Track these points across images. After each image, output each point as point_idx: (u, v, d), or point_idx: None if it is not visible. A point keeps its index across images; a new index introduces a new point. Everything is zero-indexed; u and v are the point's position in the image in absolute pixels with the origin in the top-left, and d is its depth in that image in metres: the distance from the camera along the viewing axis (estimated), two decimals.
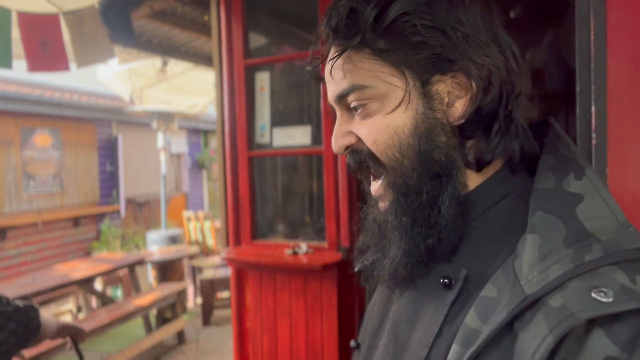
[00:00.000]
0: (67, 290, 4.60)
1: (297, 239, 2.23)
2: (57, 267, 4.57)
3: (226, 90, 2.24)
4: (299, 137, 2.18)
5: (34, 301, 3.98)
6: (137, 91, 4.83)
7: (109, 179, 7.86)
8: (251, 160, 2.25)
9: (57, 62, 2.17)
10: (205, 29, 3.52)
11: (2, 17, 2.06)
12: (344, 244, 2.01)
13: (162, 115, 5.96)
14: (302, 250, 2.06)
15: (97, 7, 2.22)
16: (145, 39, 3.72)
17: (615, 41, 1.00)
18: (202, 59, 4.31)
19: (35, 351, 2.92)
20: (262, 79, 2.27)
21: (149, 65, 4.53)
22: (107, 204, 7.77)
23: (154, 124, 6.08)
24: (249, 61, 2.21)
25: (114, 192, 7.90)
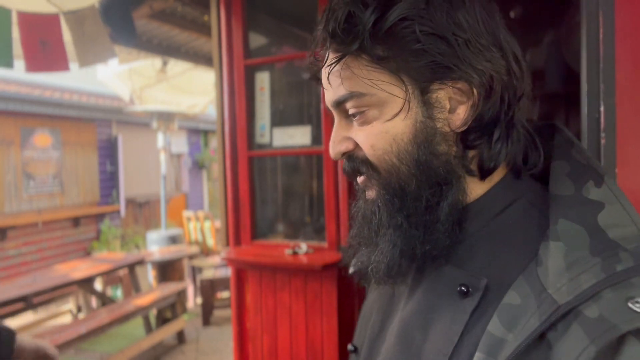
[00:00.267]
0: (67, 290, 4.60)
1: (297, 239, 2.23)
2: (57, 267, 4.58)
3: (226, 90, 2.24)
4: (299, 137, 2.18)
5: (34, 301, 3.99)
6: (137, 91, 4.83)
7: (109, 179, 7.87)
8: (251, 160, 2.25)
9: (57, 62, 2.17)
10: (205, 29, 3.52)
11: (3, 17, 2.06)
12: (344, 244, 2.01)
13: (162, 115, 5.95)
14: (302, 250, 2.06)
15: (98, 7, 2.22)
16: (145, 39, 3.72)
17: (624, 40, 0.99)
18: (202, 59, 4.31)
19: None
20: (262, 79, 2.27)
21: (149, 65, 4.53)
22: (107, 204, 7.77)
23: (154, 124, 6.08)
24: (249, 61, 2.21)
25: (114, 192, 7.90)
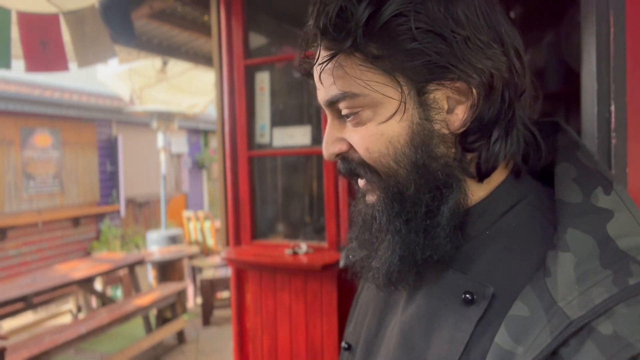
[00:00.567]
0: (67, 290, 4.60)
1: (297, 239, 2.23)
2: (57, 267, 4.58)
3: (226, 90, 2.24)
4: (299, 137, 2.18)
5: (34, 301, 3.99)
6: (137, 91, 4.83)
7: (109, 179, 7.87)
8: (251, 160, 2.25)
9: (57, 62, 2.17)
10: (205, 29, 3.52)
11: (2, 17, 2.06)
12: (344, 244, 2.01)
13: (162, 115, 5.95)
14: (302, 250, 2.06)
15: (97, 7, 2.22)
16: (145, 39, 3.72)
17: (634, 39, 0.99)
18: (202, 59, 4.31)
19: (35, 351, 2.92)
20: (262, 79, 2.27)
21: (149, 65, 4.53)
22: (107, 204, 7.77)
23: (154, 124, 6.08)
24: (249, 61, 2.21)
25: (114, 192, 7.90)
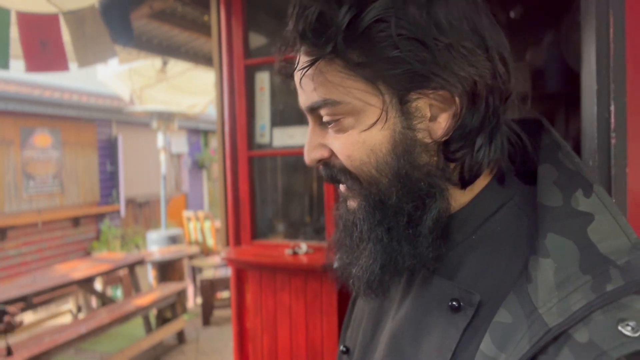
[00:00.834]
0: (67, 290, 4.60)
1: (297, 239, 2.23)
2: (57, 267, 4.58)
3: (226, 90, 2.24)
4: (299, 137, 2.18)
5: (34, 301, 3.99)
6: (137, 91, 4.83)
7: (109, 179, 7.87)
8: (251, 160, 2.25)
9: (56, 62, 2.17)
10: (205, 29, 3.52)
11: (2, 18, 2.06)
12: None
13: (162, 115, 5.95)
14: (302, 250, 2.06)
15: (97, 7, 2.22)
16: (145, 39, 3.72)
17: (634, 39, 0.98)
18: (202, 59, 4.31)
19: (35, 351, 2.92)
20: (262, 79, 2.27)
21: (149, 65, 4.53)
22: (107, 204, 7.77)
23: (154, 124, 6.08)
24: (249, 61, 2.21)
25: (114, 192, 7.90)
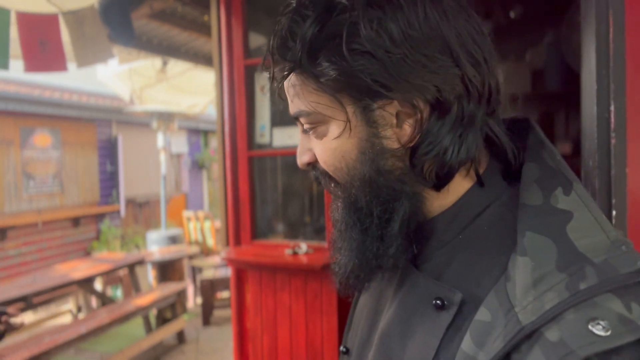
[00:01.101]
0: (67, 290, 4.60)
1: (297, 239, 2.23)
2: (57, 267, 4.58)
3: (226, 90, 2.24)
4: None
5: (34, 301, 3.99)
6: (137, 91, 4.83)
7: (109, 179, 7.87)
8: (251, 160, 2.25)
9: (55, 62, 2.17)
10: (205, 29, 3.52)
11: (1, 18, 2.06)
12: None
13: (162, 115, 5.95)
14: (302, 250, 2.06)
15: (97, 7, 2.22)
16: (145, 39, 3.72)
17: (634, 39, 0.98)
18: (202, 59, 4.31)
19: (35, 351, 2.92)
20: (262, 79, 2.27)
21: (149, 65, 4.53)
22: (107, 204, 7.77)
23: (154, 124, 6.08)
24: (249, 61, 2.21)
25: (114, 192, 7.90)
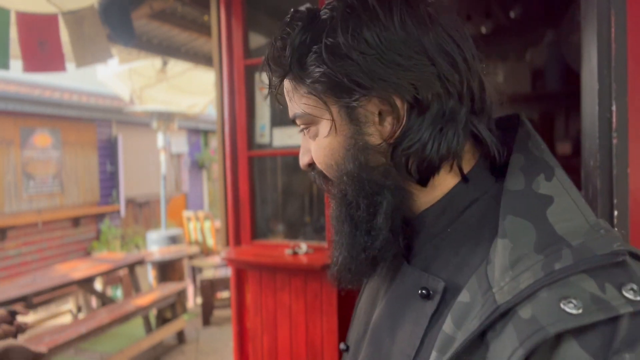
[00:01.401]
0: (67, 290, 4.60)
1: (297, 239, 2.23)
2: (57, 267, 4.57)
3: (226, 90, 2.24)
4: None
5: (34, 301, 3.99)
6: (137, 91, 4.82)
7: (109, 179, 7.86)
8: (251, 160, 2.25)
9: (54, 62, 2.17)
10: (205, 29, 3.52)
11: (1, 18, 2.05)
12: None
13: (162, 115, 5.95)
14: (302, 250, 2.06)
15: (97, 7, 2.22)
16: (145, 39, 3.72)
17: (636, 38, 0.98)
18: (202, 59, 4.31)
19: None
20: (262, 79, 2.27)
21: (149, 65, 4.53)
22: (107, 204, 7.77)
23: (154, 124, 6.07)
24: (249, 61, 2.21)
25: (114, 192, 7.90)
